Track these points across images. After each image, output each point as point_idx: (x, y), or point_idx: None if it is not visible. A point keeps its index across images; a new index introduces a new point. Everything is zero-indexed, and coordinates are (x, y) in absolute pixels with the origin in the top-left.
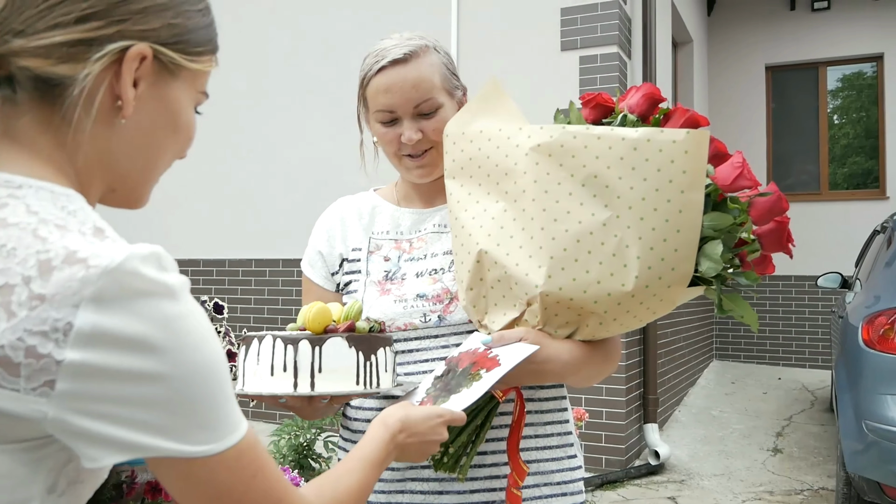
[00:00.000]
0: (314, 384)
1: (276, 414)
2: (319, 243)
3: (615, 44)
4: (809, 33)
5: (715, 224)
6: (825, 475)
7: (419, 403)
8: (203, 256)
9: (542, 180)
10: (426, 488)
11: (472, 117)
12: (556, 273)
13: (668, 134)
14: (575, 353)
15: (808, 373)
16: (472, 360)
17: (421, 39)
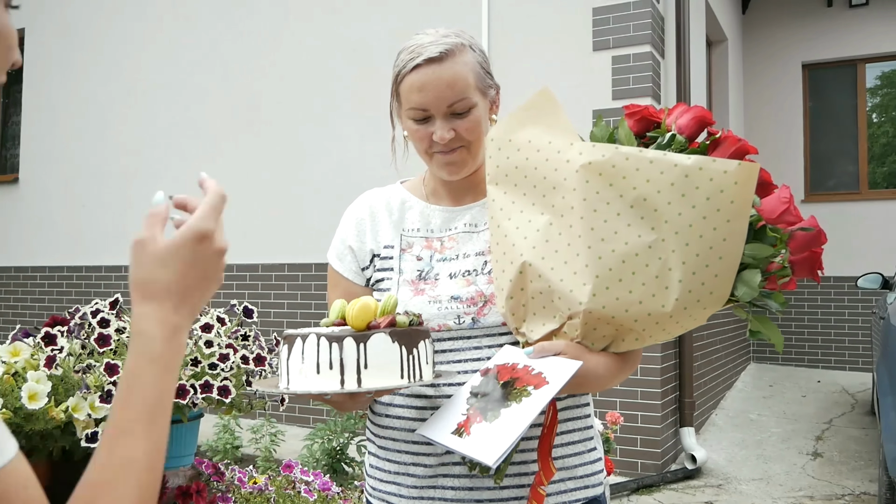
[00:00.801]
0: (361, 380)
1: (309, 418)
2: (349, 237)
3: (648, 43)
4: (847, 30)
5: (755, 253)
6: (867, 480)
7: (464, 417)
8: (237, 261)
9: (591, 199)
10: (457, 484)
11: (521, 125)
12: (600, 292)
13: (720, 164)
14: (610, 366)
15: (849, 375)
16: (512, 375)
17: (457, 37)
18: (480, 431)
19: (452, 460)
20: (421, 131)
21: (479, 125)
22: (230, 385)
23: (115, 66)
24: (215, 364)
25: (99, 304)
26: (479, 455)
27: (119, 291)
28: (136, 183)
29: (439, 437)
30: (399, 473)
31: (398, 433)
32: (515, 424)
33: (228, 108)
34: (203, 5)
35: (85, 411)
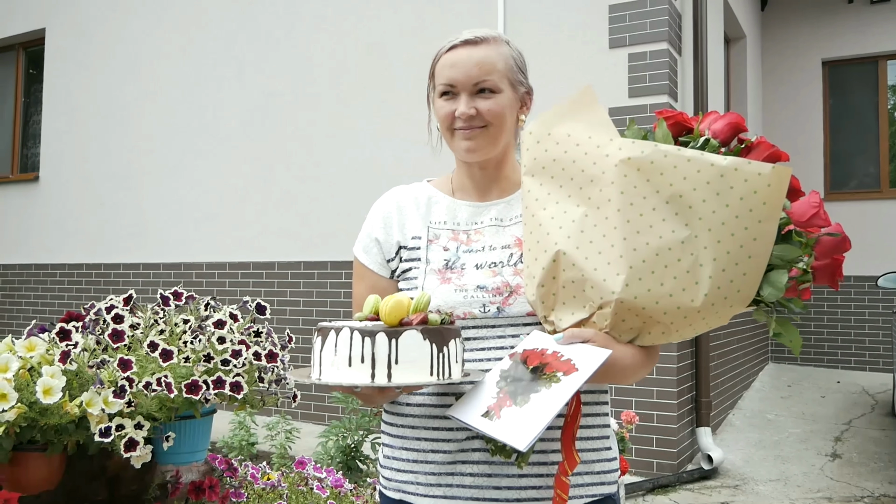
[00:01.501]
0: (391, 375)
1: (324, 416)
2: (375, 230)
3: (665, 40)
4: (868, 26)
5: (783, 255)
6: (887, 481)
7: (494, 400)
8: (252, 259)
9: (629, 192)
10: (476, 471)
11: (560, 120)
12: (633, 282)
13: (755, 166)
14: (635, 357)
15: (869, 376)
16: (541, 360)
17: (497, 33)
18: (510, 415)
19: (472, 447)
20: (446, 107)
21: (502, 110)
22: (242, 381)
23: (132, 66)
24: (227, 360)
25: (113, 301)
26: (510, 439)
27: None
28: (154, 181)
29: (469, 418)
30: (417, 461)
31: (418, 420)
32: (546, 409)
33: (243, 107)
34: (217, 5)
35: (99, 406)
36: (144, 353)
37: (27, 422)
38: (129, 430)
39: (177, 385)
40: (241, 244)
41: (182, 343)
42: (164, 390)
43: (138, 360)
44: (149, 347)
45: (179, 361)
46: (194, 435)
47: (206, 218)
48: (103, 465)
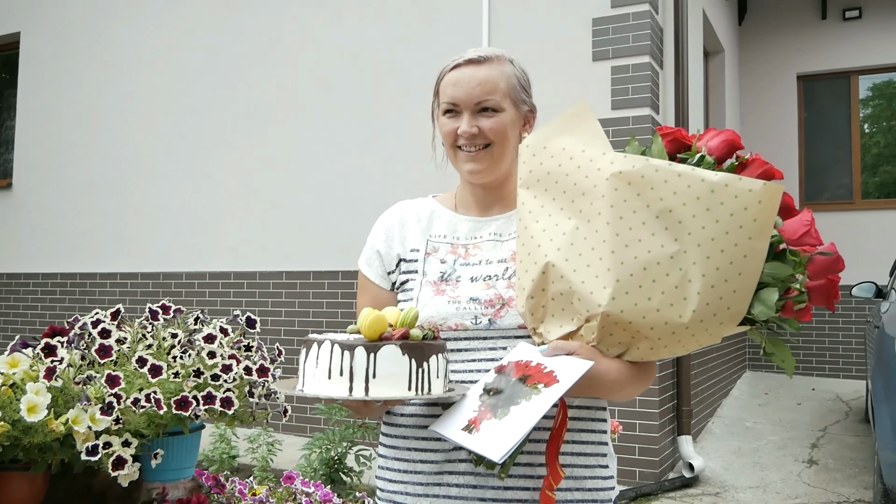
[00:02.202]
0: (368, 389)
1: (306, 427)
2: (378, 243)
3: (647, 54)
4: (841, 42)
5: (774, 273)
6: (862, 487)
7: (475, 414)
8: (234, 269)
9: (619, 206)
10: (462, 482)
11: (556, 133)
12: (620, 296)
13: (746, 182)
14: (622, 372)
15: (843, 383)
16: (524, 373)
17: (501, 51)
18: (489, 428)
19: (458, 457)
20: (449, 125)
21: (504, 129)
22: (233, 396)
23: (111, 72)
24: (218, 375)
25: (100, 315)
26: (486, 451)
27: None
28: (132, 189)
29: (450, 432)
30: (407, 472)
31: (409, 430)
32: (524, 421)
33: (226, 114)
34: (201, 12)
35: (85, 423)
36: (133, 369)
37: (10, 440)
38: (116, 447)
39: (166, 401)
40: (221, 254)
41: (171, 358)
42: (153, 406)
43: (126, 376)
44: (137, 363)
45: (169, 377)
46: (182, 451)
47: (187, 227)
48: (88, 483)
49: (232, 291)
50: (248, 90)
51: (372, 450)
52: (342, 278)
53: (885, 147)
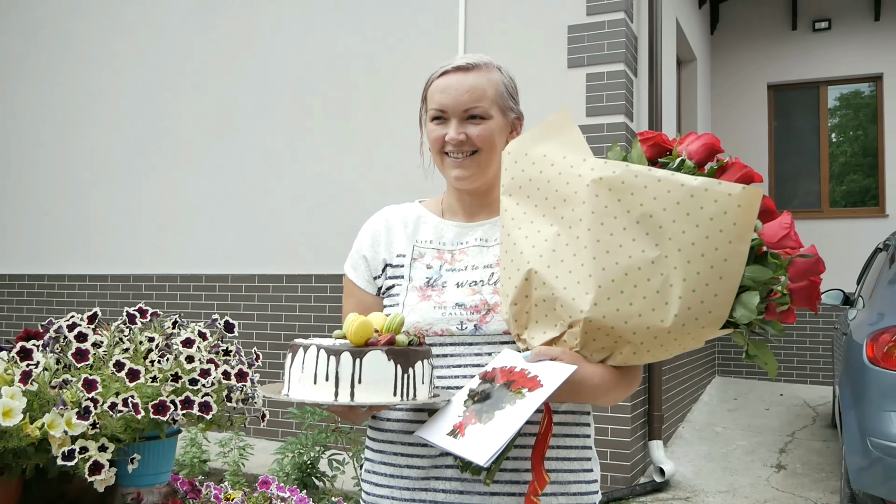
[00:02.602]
0: (354, 394)
1: (278, 431)
2: (364, 248)
3: (622, 62)
4: (811, 52)
5: (755, 276)
6: (828, 491)
7: (460, 419)
8: (206, 271)
9: (600, 212)
10: (448, 487)
11: (537, 140)
12: (602, 302)
13: (725, 186)
14: (606, 377)
15: (810, 389)
16: (509, 378)
17: (489, 58)
18: (474, 432)
19: (445, 463)
20: (437, 131)
21: (491, 136)
22: (211, 401)
23: (81, 72)
24: (196, 380)
25: (75, 318)
26: (472, 455)
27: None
28: (102, 190)
29: (435, 438)
30: (393, 476)
31: (395, 435)
32: (508, 425)
33: (200, 115)
34: (175, 12)
35: (61, 428)
36: (110, 373)
37: None
38: (92, 452)
39: (144, 406)
40: (193, 256)
41: (149, 362)
42: (130, 411)
43: (103, 380)
44: (115, 367)
45: (146, 381)
46: (158, 456)
47: (158, 228)
48: (62, 488)
49: (203, 294)
50: (221, 91)
51: (345, 454)
52: (316, 282)
53: (851, 157)
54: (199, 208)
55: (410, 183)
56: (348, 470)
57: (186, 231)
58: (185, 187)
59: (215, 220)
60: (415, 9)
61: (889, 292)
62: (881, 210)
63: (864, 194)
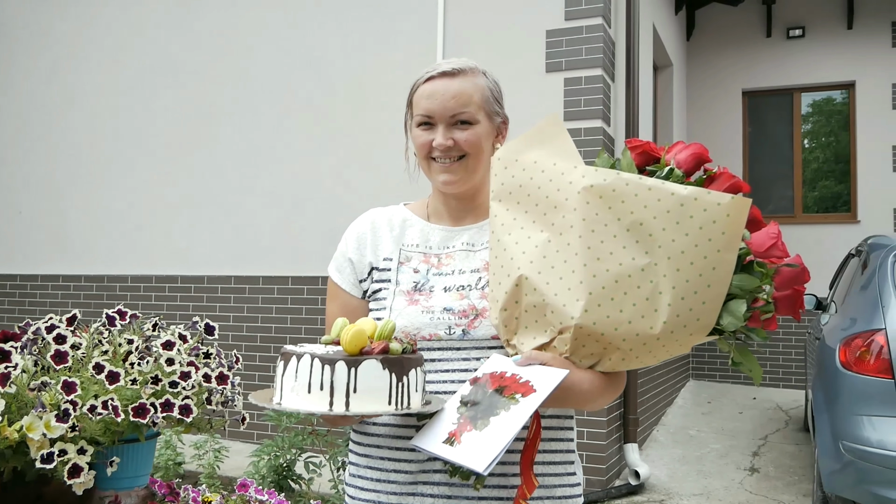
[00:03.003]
0: (349, 404)
1: (253, 434)
2: (349, 250)
3: (599, 66)
4: (785, 60)
5: (742, 285)
6: (801, 494)
7: (454, 426)
8: (181, 272)
9: (591, 219)
10: (436, 492)
11: (527, 147)
12: (592, 308)
13: (714, 196)
14: (595, 382)
15: (782, 392)
16: (500, 384)
17: (474, 63)
18: (470, 440)
19: (433, 467)
20: (423, 137)
21: (478, 141)
22: (192, 404)
23: (55, 69)
24: (176, 382)
25: (54, 319)
26: (470, 463)
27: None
28: (77, 190)
29: (431, 446)
30: (380, 481)
31: (383, 440)
32: (504, 431)
33: (177, 116)
34: (152, 11)
35: (40, 431)
36: (89, 375)
37: None
38: (72, 455)
39: (123, 408)
40: (169, 257)
41: (129, 365)
42: (110, 414)
43: (81, 383)
44: (94, 369)
45: (126, 383)
46: (137, 459)
47: (134, 228)
48: (40, 491)
49: (179, 295)
50: (200, 91)
51: (322, 457)
52: (293, 283)
53: (823, 163)
54: (175, 209)
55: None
56: (325, 472)
57: (162, 231)
58: (162, 187)
59: (192, 220)
60: (395, 11)
61: (861, 298)
62: (853, 216)
63: (835, 200)
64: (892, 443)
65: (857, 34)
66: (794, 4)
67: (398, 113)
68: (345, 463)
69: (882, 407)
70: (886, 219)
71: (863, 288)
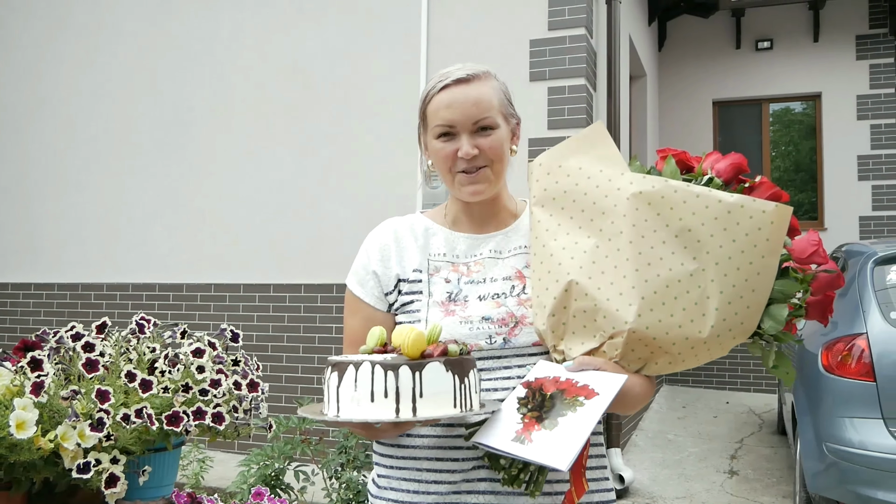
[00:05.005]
0: (416, 409)
1: (234, 444)
2: (373, 263)
3: (582, 76)
4: (754, 71)
5: (784, 290)
6: (780, 496)
7: (520, 425)
8: (159, 280)
9: (640, 225)
10: (482, 500)
11: (571, 153)
12: (645, 313)
13: (760, 204)
14: (644, 386)
15: (754, 397)
16: (557, 387)
17: (483, 67)
18: (542, 438)
19: (478, 476)
20: (446, 149)
21: (501, 145)
22: (223, 411)
23: (28, 72)
24: (206, 390)
25: (78, 328)
26: (548, 460)
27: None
28: (50, 196)
29: (500, 444)
30: (418, 492)
31: (420, 451)
32: (579, 431)
33: (156, 121)
34: (128, 14)
35: (74, 440)
36: (122, 384)
37: None
38: (106, 464)
39: (157, 417)
40: (147, 264)
41: (158, 373)
42: (145, 422)
43: (115, 391)
44: (126, 377)
45: (158, 392)
46: (164, 468)
47: (110, 236)
48: (66, 501)
49: (157, 304)
50: (179, 96)
51: (314, 465)
52: (274, 291)
53: (784, 171)
54: (154, 215)
55: (371, 191)
56: (318, 481)
57: (139, 239)
58: (139, 194)
59: (170, 227)
60: (377, 17)
61: (840, 304)
62: (820, 224)
63: (799, 208)
64: (873, 443)
65: (823, 47)
66: (763, 17)
67: (381, 119)
68: (338, 472)
69: (864, 409)
70: (853, 226)
71: (842, 294)
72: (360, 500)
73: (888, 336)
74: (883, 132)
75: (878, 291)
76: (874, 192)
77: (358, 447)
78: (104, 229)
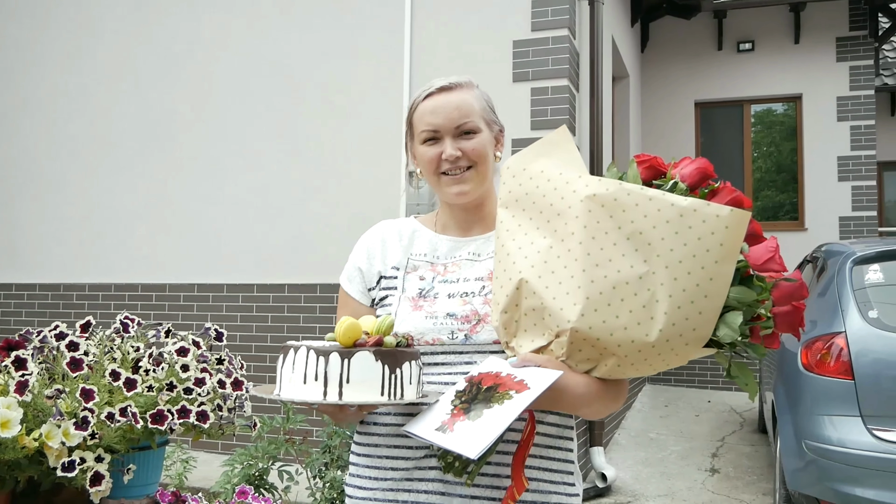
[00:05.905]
0: (342, 394)
1: (217, 444)
2: (359, 260)
3: (566, 77)
4: (735, 72)
5: (739, 297)
6: (761, 493)
7: (448, 416)
8: (142, 280)
9: (592, 227)
10: (430, 488)
11: (536, 156)
12: (588, 313)
13: (714, 208)
14: (590, 387)
15: (735, 395)
16: (495, 381)
17: (467, 77)
18: (463, 428)
19: (428, 464)
20: (431, 152)
21: (483, 149)
22: (208, 410)
23: (8, 72)
24: (190, 388)
25: (62, 327)
26: (461, 448)
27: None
28: (31, 196)
29: (423, 432)
30: (377, 479)
31: (381, 439)
32: (497, 422)
33: (139, 121)
34: (111, 14)
35: (58, 439)
36: (106, 383)
37: None
38: (90, 463)
39: (141, 415)
40: (130, 265)
41: (143, 371)
42: (129, 421)
43: (99, 390)
44: (111, 376)
45: (143, 390)
46: (149, 467)
47: (92, 236)
48: (50, 501)
49: (140, 304)
50: (160, 96)
51: (298, 465)
52: (257, 291)
53: (765, 172)
54: (137, 216)
55: (356, 193)
56: (302, 481)
57: (123, 239)
58: (123, 195)
59: (154, 228)
60: (361, 21)
61: (819, 303)
62: (801, 224)
63: (780, 208)
64: (852, 441)
65: (804, 49)
66: (744, 19)
67: (364, 121)
68: (321, 471)
69: (842, 407)
70: (832, 227)
71: (820, 294)
72: (343, 499)
73: (866, 335)
74: (862, 133)
75: (857, 291)
76: (854, 192)
77: (342, 446)
78: (86, 229)
